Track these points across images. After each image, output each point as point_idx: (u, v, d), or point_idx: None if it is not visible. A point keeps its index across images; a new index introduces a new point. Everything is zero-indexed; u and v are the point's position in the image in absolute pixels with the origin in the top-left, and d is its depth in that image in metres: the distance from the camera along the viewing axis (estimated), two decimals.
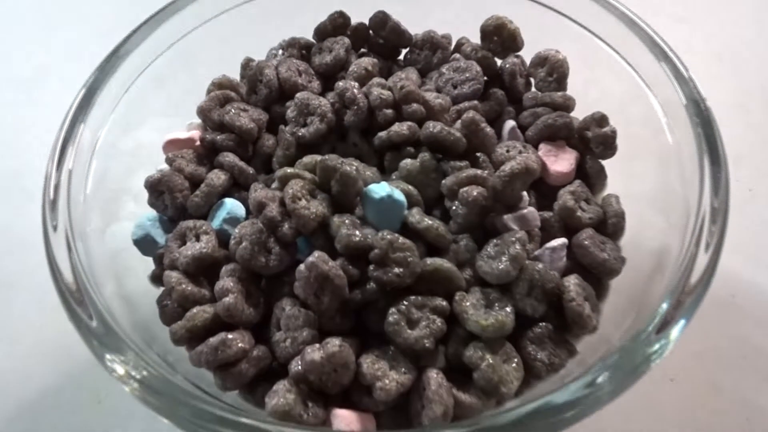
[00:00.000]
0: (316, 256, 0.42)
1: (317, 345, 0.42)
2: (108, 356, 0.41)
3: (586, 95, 0.58)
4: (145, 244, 0.52)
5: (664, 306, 0.41)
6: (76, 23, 0.94)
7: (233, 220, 0.50)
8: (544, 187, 0.56)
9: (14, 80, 0.89)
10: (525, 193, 0.52)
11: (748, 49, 0.86)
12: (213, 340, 0.42)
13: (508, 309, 0.45)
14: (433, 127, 0.51)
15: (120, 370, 0.40)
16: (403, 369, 0.42)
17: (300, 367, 0.42)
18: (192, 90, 0.59)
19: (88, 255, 0.46)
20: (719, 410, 0.58)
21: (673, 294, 0.42)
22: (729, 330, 0.63)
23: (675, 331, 0.41)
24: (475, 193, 0.48)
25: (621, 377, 0.39)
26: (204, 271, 0.47)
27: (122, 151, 0.56)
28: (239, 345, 0.43)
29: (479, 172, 0.49)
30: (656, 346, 0.40)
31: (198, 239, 0.48)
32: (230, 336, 0.43)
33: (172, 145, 0.56)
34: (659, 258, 0.47)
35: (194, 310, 0.44)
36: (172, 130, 0.57)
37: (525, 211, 0.50)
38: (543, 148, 0.56)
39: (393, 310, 0.43)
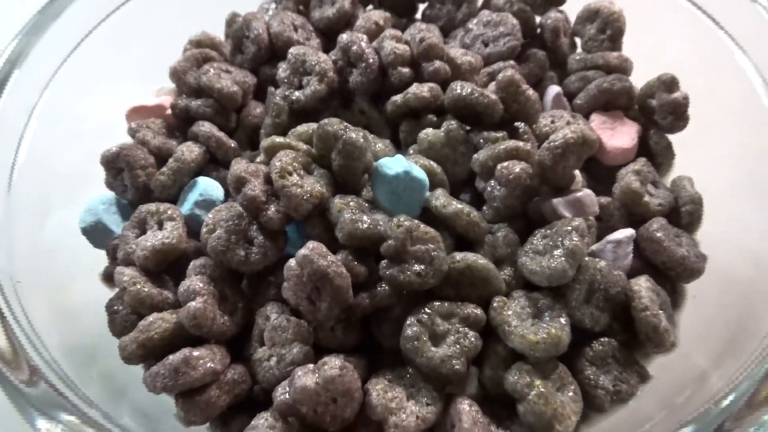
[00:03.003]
0: (311, 248, 0.36)
1: (311, 366, 0.36)
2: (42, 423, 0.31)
3: (646, 57, 0.48)
4: (96, 233, 0.44)
5: None
6: None
7: (207, 204, 0.43)
8: (597, 168, 0.47)
9: None
10: (578, 173, 0.43)
11: None
12: (173, 358, 0.36)
13: (562, 320, 0.37)
14: (461, 88, 0.42)
15: None
16: (425, 399, 0.36)
17: (288, 396, 0.35)
18: (165, 49, 0.51)
19: (13, 254, 0.37)
20: None
21: None
22: None
23: None
24: (517, 170, 0.40)
25: None
26: (167, 267, 0.41)
27: (75, 120, 0.47)
28: (208, 365, 0.36)
29: (521, 144, 0.41)
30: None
31: (161, 227, 0.41)
32: (196, 353, 0.36)
33: (137, 114, 0.49)
34: (761, 266, 0.37)
35: (150, 318, 0.38)
36: (138, 96, 0.49)
37: (580, 194, 0.41)
38: (596, 119, 0.47)
39: (412, 320, 0.37)
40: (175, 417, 0.36)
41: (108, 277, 0.43)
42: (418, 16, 0.56)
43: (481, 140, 0.42)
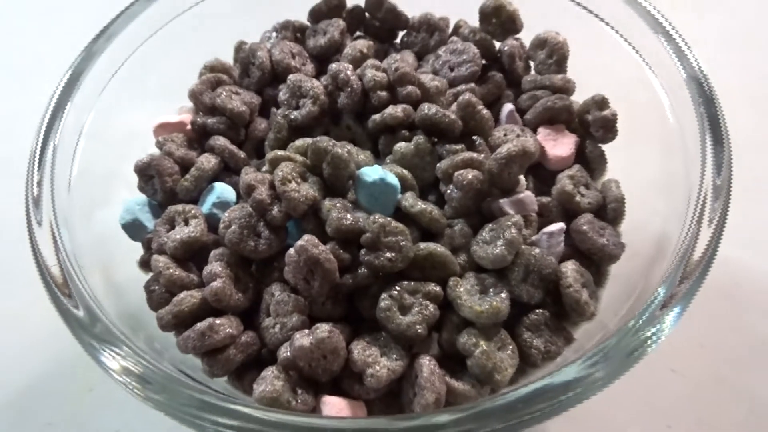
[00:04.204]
0: (306, 239, 0.42)
1: (306, 331, 0.41)
2: (105, 352, 0.39)
3: (587, 78, 0.57)
4: (133, 228, 0.51)
5: (663, 288, 0.40)
6: (74, 11, 0.93)
7: (223, 204, 0.50)
8: (542, 173, 0.55)
9: (8, 69, 0.88)
10: (522, 177, 0.51)
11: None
12: (200, 325, 0.42)
13: (503, 295, 0.44)
14: (428, 109, 0.50)
15: (116, 365, 0.39)
16: (394, 356, 0.42)
17: (289, 354, 0.41)
18: (183, 73, 0.59)
19: (74, 243, 0.46)
20: (721, 402, 0.57)
21: (673, 275, 0.40)
22: (733, 320, 0.61)
23: (673, 314, 0.39)
24: (470, 177, 0.47)
25: (617, 360, 0.38)
26: (192, 255, 0.48)
27: (111, 135, 0.55)
28: (227, 330, 0.42)
29: (475, 155, 0.49)
30: (653, 330, 0.39)
31: (187, 223, 0.48)
32: (218, 321, 0.42)
33: (162, 129, 0.56)
34: (660, 244, 0.46)
35: (181, 295, 0.44)
36: (162, 114, 0.57)
37: (522, 195, 0.49)
38: (542, 131, 0.55)
39: (385, 295, 0.43)
40: (201, 371, 0.43)
41: (144, 264, 0.50)
42: (398, 41, 0.64)
43: (444, 151, 0.49)
